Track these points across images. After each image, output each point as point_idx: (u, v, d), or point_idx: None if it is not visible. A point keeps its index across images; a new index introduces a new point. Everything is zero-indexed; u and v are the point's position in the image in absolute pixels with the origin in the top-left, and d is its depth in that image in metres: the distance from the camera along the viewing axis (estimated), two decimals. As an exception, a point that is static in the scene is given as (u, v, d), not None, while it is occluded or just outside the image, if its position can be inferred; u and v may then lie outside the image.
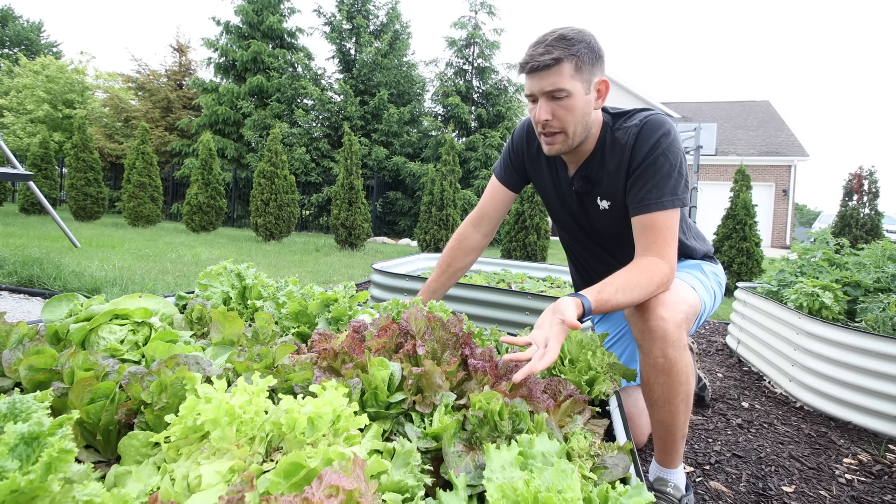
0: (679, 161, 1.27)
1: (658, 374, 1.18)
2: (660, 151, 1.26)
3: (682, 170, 1.27)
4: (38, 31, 31.80)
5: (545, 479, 0.62)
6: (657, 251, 1.22)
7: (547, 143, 1.32)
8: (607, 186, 1.37)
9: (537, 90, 1.25)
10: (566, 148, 1.32)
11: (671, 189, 1.24)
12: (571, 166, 1.45)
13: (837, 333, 2.03)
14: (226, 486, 0.61)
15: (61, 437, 0.60)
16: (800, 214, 44.69)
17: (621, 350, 1.71)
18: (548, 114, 1.25)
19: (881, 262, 2.59)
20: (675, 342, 1.16)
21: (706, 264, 1.54)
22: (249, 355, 0.94)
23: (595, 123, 1.34)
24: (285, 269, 5.22)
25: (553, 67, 1.20)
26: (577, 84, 1.22)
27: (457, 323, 1.06)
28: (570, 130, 1.28)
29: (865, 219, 7.69)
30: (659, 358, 1.16)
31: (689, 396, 1.21)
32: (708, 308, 1.43)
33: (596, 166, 1.38)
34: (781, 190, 18.22)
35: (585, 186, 1.42)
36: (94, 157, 9.50)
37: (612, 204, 1.39)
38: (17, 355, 0.88)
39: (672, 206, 1.24)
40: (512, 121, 13.68)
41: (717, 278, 1.54)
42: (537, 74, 1.23)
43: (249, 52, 14.81)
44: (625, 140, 1.31)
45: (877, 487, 1.53)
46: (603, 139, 1.36)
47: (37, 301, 3.12)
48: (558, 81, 1.21)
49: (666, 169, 1.25)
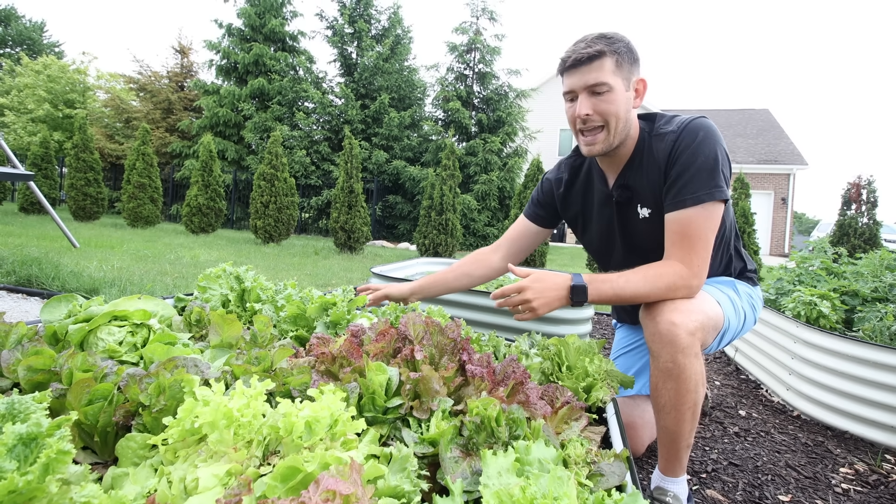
0: (716, 155, 1.20)
1: (666, 379, 1.16)
2: (696, 145, 1.21)
3: (721, 164, 1.20)
4: (41, 31, 31.88)
5: (541, 486, 0.62)
6: (680, 255, 1.17)
7: (587, 141, 1.30)
8: (648, 193, 1.34)
9: (579, 85, 1.24)
10: (607, 146, 1.29)
11: (705, 182, 1.18)
12: (610, 175, 1.42)
13: (835, 343, 2.04)
14: (223, 489, 0.61)
15: (59, 438, 0.60)
16: (798, 223, 44.79)
17: (632, 362, 1.71)
18: (589, 108, 1.24)
19: (879, 272, 2.60)
20: (686, 348, 1.13)
21: (742, 284, 1.48)
22: (248, 358, 0.94)
23: (633, 126, 1.33)
24: (284, 271, 5.22)
25: (596, 61, 1.20)
26: (618, 80, 1.22)
27: (455, 328, 1.06)
28: (611, 126, 1.26)
29: (864, 228, 7.72)
30: (668, 363, 1.14)
31: (697, 406, 1.18)
32: (733, 327, 1.37)
33: (634, 173, 1.35)
34: (780, 198, 18.28)
35: (625, 194, 1.38)
36: (94, 157, 9.52)
37: (652, 212, 1.34)
38: (16, 355, 0.88)
39: (706, 199, 1.17)
40: (512, 126, 13.72)
41: (752, 300, 1.48)
42: (579, 70, 1.23)
43: (251, 55, 14.87)
44: (664, 144, 1.28)
45: (873, 497, 1.54)
46: (641, 144, 1.34)
47: (35, 301, 3.12)
48: (600, 76, 1.21)
49: (700, 162, 1.20)
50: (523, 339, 1.50)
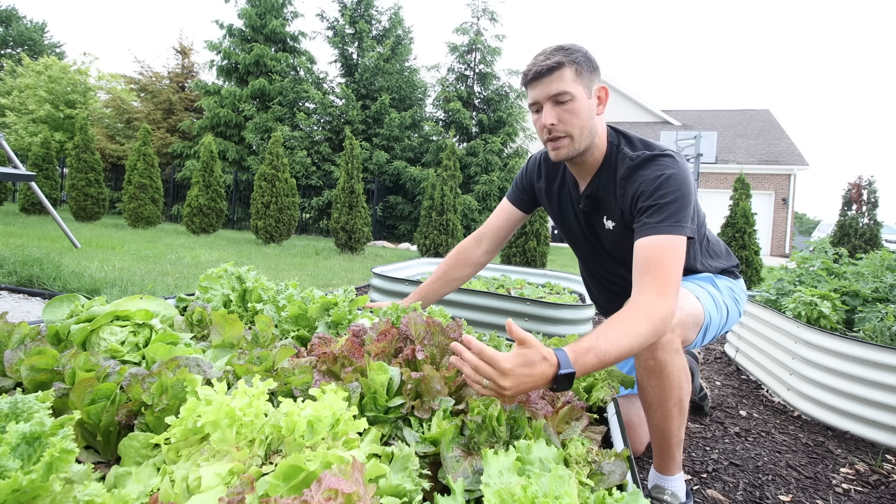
0: (685, 190, 1.21)
1: (649, 376, 1.18)
2: (664, 178, 1.22)
3: (688, 199, 1.21)
4: (42, 32, 31.93)
5: (542, 485, 0.63)
6: (652, 282, 1.12)
7: (553, 147, 1.33)
8: (613, 207, 1.38)
9: (542, 96, 1.27)
10: (573, 152, 1.32)
11: (673, 215, 1.18)
12: (581, 182, 1.46)
13: (835, 343, 2.04)
14: (225, 487, 0.61)
15: (62, 438, 0.60)
16: (799, 223, 44.77)
17: (624, 361, 1.71)
18: (553, 118, 1.27)
19: (879, 272, 2.60)
20: (665, 345, 1.15)
21: (721, 278, 1.50)
22: (249, 358, 0.95)
23: (600, 134, 1.35)
24: (285, 272, 5.22)
25: (556, 71, 1.24)
26: (579, 88, 1.26)
27: (456, 328, 1.07)
28: (575, 133, 1.29)
29: (864, 228, 7.70)
30: (649, 360, 1.16)
31: (683, 401, 1.20)
32: (716, 322, 1.37)
33: (601, 185, 1.40)
34: (781, 199, 18.26)
35: (592, 206, 1.43)
36: (95, 157, 9.53)
37: (616, 225, 1.39)
38: (19, 355, 0.89)
39: (675, 232, 1.17)
40: (513, 126, 13.72)
41: (734, 293, 1.49)
42: (541, 81, 1.26)
43: (252, 56, 14.88)
44: (631, 163, 1.30)
45: (873, 497, 1.54)
46: (609, 156, 1.37)
47: (36, 301, 3.12)
48: (561, 85, 1.24)
49: (671, 196, 1.20)
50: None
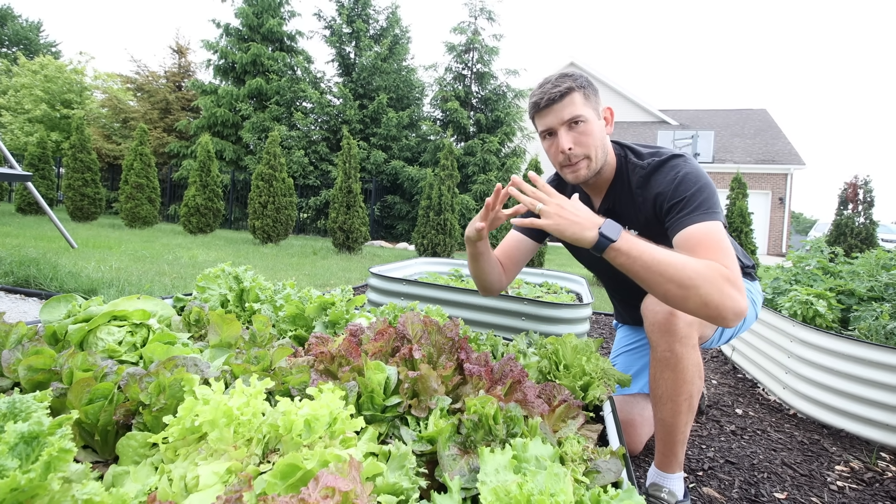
0: (705, 181, 1.25)
1: (664, 368, 1.19)
2: (682, 176, 1.26)
3: (711, 188, 1.24)
4: (37, 31, 31.79)
5: (538, 483, 0.63)
6: (714, 257, 1.09)
7: (572, 171, 1.35)
8: (633, 215, 1.40)
9: (556, 122, 1.30)
10: (591, 173, 1.35)
11: (703, 203, 1.20)
12: (596, 199, 1.48)
13: (831, 342, 2.05)
14: (223, 486, 0.62)
15: (61, 437, 0.60)
16: (796, 222, 44.90)
17: (632, 362, 1.72)
18: (570, 142, 1.30)
19: (875, 271, 2.62)
20: (684, 338, 1.17)
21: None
22: (247, 357, 0.95)
23: (609, 152, 1.40)
24: (282, 271, 5.22)
25: (567, 97, 1.28)
26: (589, 110, 1.30)
27: (453, 327, 1.07)
28: (592, 154, 1.33)
29: (860, 228, 7.74)
30: (665, 352, 1.18)
31: (693, 398, 1.21)
32: None
33: (617, 198, 1.42)
34: (778, 198, 18.31)
35: (611, 217, 1.43)
36: (91, 157, 9.50)
37: (639, 233, 1.39)
38: (17, 355, 0.89)
39: (710, 218, 1.17)
40: (510, 126, 13.71)
41: (751, 294, 1.50)
42: (552, 108, 1.29)
43: (249, 55, 14.84)
44: (643, 171, 1.34)
45: (868, 495, 1.55)
46: (620, 169, 1.41)
47: (33, 301, 3.12)
48: (574, 109, 1.28)
49: (693, 188, 1.23)
50: (521, 338, 1.50)
